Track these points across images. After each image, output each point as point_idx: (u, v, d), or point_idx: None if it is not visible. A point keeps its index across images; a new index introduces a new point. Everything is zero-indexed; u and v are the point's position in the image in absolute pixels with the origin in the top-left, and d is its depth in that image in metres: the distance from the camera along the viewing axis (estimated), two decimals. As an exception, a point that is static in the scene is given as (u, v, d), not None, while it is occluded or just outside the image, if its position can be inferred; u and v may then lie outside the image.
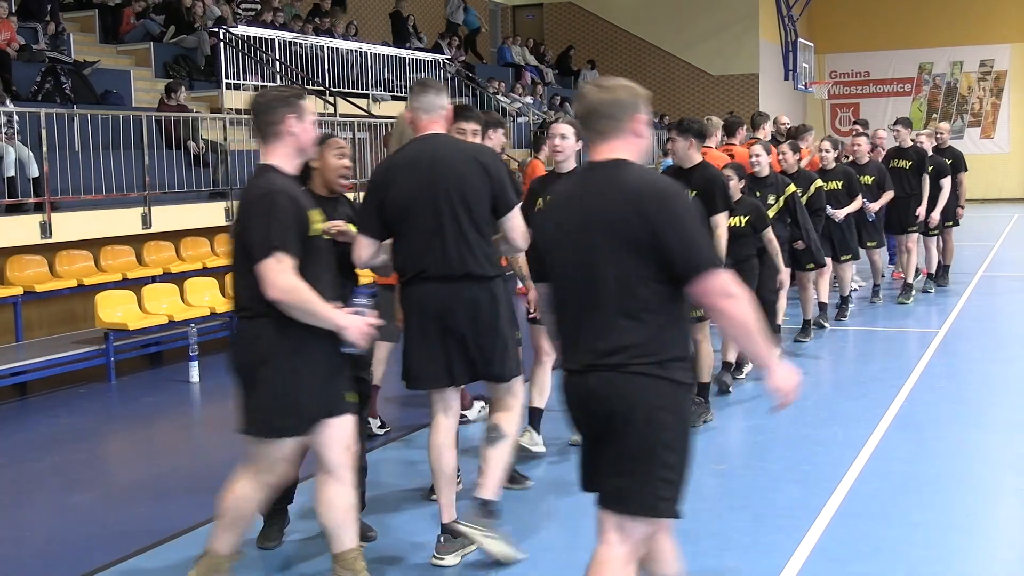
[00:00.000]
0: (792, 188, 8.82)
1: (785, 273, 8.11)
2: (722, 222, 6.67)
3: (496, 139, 5.84)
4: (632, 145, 3.35)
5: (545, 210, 3.64)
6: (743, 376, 8.32)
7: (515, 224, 4.76)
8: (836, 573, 4.68)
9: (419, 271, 4.70)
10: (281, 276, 3.92)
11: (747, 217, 7.62)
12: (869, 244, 11.42)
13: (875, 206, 11.10)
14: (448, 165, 4.68)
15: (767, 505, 5.55)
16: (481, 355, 4.75)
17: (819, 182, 9.70)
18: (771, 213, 8.33)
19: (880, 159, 12.05)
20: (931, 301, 12.14)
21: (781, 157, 9.39)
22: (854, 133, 11.85)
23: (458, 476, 5.26)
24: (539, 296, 3.67)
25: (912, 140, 12.28)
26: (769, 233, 7.82)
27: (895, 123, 12.67)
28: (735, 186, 7.43)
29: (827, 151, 10.52)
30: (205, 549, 4.33)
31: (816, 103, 30.04)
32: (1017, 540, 5.25)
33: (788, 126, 12.82)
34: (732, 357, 8.01)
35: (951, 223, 12.72)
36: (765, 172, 8.70)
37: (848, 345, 10.03)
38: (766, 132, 11.05)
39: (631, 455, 3.23)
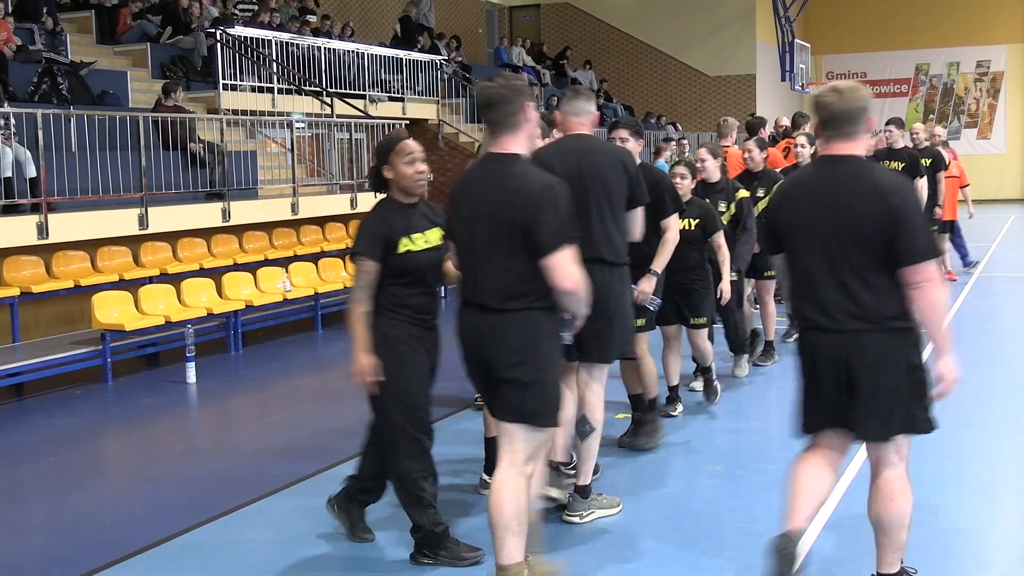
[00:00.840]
0: (744, 193, 8.08)
1: (726, 283, 7.42)
2: (673, 224, 6.17)
3: (636, 145, 6.03)
4: (865, 143, 4.10)
5: (785, 196, 4.22)
6: (701, 389, 7.92)
7: (640, 219, 5.31)
8: (833, 573, 4.67)
9: None
10: (574, 267, 4.08)
11: (697, 220, 7.20)
12: None
13: None
14: (593, 159, 5.15)
15: (764, 506, 5.54)
16: (592, 335, 4.86)
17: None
18: (723, 221, 7.81)
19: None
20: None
21: (747, 155, 8.81)
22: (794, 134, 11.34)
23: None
24: (776, 265, 4.35)
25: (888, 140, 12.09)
26: (719, 238, 7.31)
27: (887, 123, 12.46)
28: (686, 186, 7.15)
29: (803, 146, 9.56)
30: (498, 565, 4.15)
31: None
32: (1016, 540, 5.25)
33: (787, 128, 12.83)
34: (674, 380, 7.39)
35: (934, 227, 12.19)
36: (759, 168, 8.64)
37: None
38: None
39: (890, 392, 3.92)
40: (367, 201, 14.03)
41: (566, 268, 4.04)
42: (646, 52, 28.64)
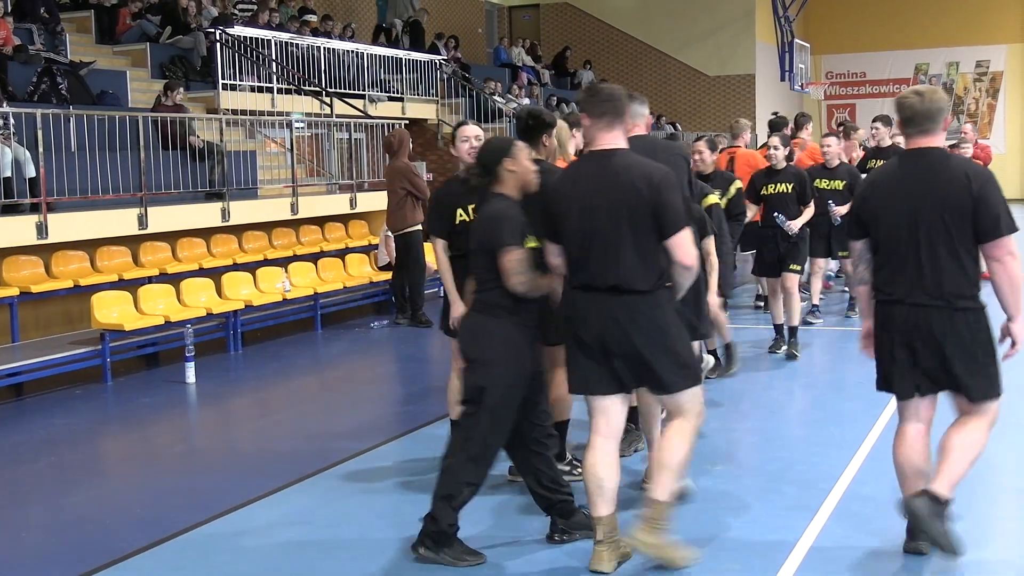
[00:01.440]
0: (712, 199, 7.49)
1: (713, 295, 6.78)
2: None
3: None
4: (943, 138, 4.64)
5: (873, 186, 4.74)
6: (715, 375, 8.16)
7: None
8: (832, 573, 4.68)
9: None
10: (692, 246, 4.54)
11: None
12: (841, 254, 10.65)
13: (840, 210, 9.89)
14: (658, 157, 5.17)
15: (763, 506, 5.55)
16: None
17: (738, 183, 8.93)
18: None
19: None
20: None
21: (698, 156, 8.46)
22: (824, 134, 11.01)
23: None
24: (855, 250, 4.77)
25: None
26: (709, 244, 6.55)
27: (874, 120, 11.88)
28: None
29: (776, 148, 9.38)
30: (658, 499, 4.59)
31: (812, 104, 30.04)
32: (1016, 540, 5.25)
33: (792, 129, 12.80)
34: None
35: None
36: (709, 170, 8.45)
37: (844, 346, 10.02)
38: (808, 132, 11.51)
39: (975, 360, 4.51)
40: (366, 201, 14.14)
41: (687, 246, 4.48)
42: (645, 52, 28.64)
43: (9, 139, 9.68)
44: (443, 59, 20.59)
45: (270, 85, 15.41)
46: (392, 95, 18.45)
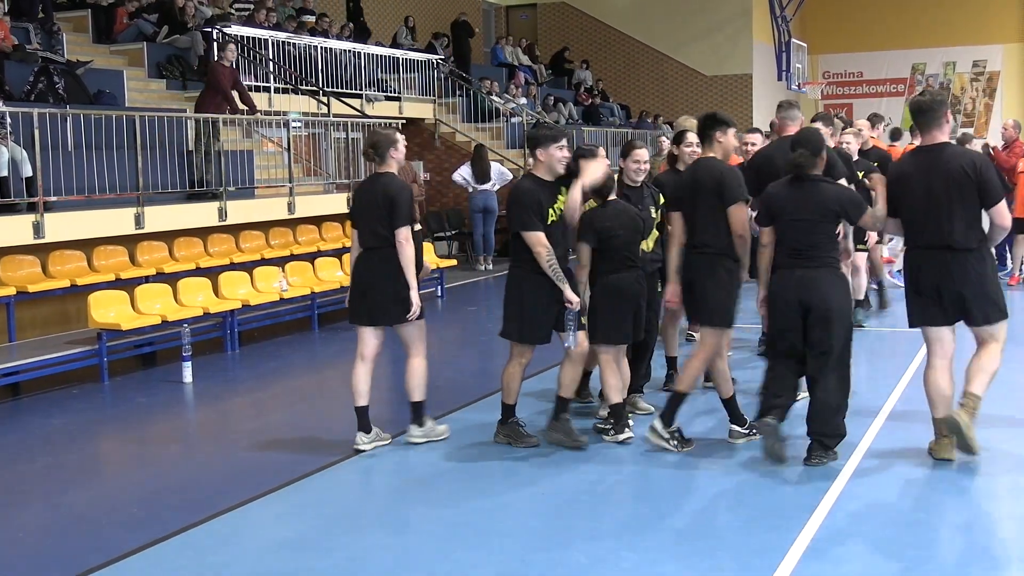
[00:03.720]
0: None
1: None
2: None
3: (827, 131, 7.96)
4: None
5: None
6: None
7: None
8: (830, 573, 4.68)
9: None
10: (1008, 213, 6.10)
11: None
12: (859, 247, 10.12)
13: None
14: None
15: (761, 504, 5.55)
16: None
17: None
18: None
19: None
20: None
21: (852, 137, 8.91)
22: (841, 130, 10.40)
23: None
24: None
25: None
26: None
27: (812, 119, 11.65)
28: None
29: (753, 145, 9.04)
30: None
31: (810, 104, 30.02)
32: (1015, 540, 5.25)
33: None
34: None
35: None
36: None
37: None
38: (880, 131, 11.89)
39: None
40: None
41: (1004, 212, 5.99)
42: (643, 51, 28.65)
43: (6, 138, 9.67)
44: (440, 59, 20.59)
45: (267, 84, 15.41)
46: (389, 95, 18.45)
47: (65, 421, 8.05)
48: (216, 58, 13.40)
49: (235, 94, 12.76)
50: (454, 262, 15.48)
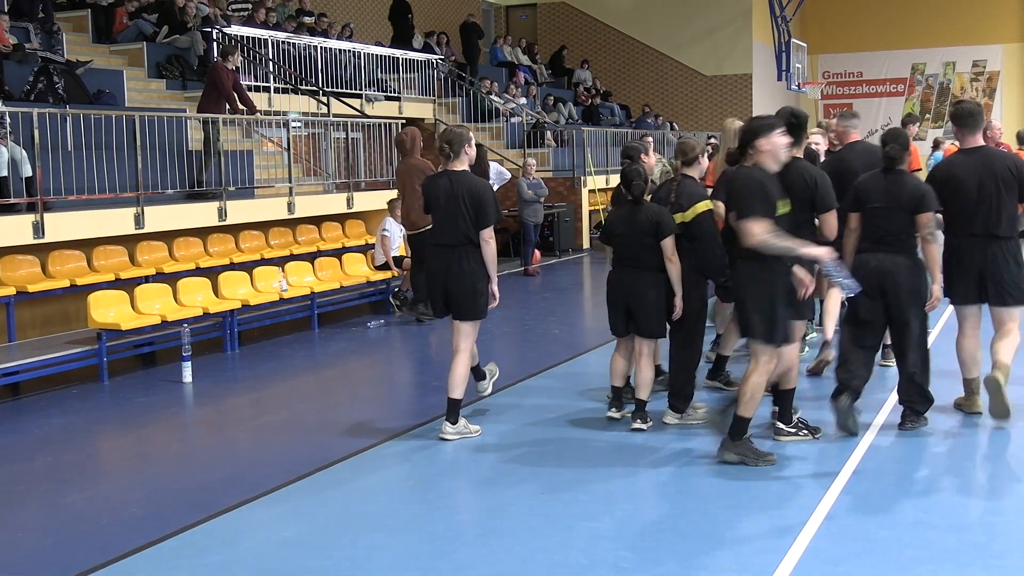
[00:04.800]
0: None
1: (678, 298, 6.84)
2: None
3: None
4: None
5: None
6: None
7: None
8: (829, 572, 4.68)
9: None
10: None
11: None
12: None
13: None
14: (870, 158, 7.51)
15: (760, 504, 5.55)
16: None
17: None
18: None
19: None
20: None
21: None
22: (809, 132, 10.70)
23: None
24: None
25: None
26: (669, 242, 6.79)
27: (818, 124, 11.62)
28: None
29: (817, 144, 9.00)
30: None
31: (809, 104, 30.06)
32: (1014, 540, 5.25)
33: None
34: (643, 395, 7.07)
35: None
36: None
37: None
38: (913, 130, 11.75)
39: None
40: (363, 201, 14.13)
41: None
42: (642, 51, 28.66)
43: (5, 138, 9.67)
44: (440, 58, 20.59)
45: (267, 84, 15.41)
46: (389, 94, 18.45)
47: (65, 421, 8.05)
48: (216, 58, 13.38)
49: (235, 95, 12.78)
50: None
